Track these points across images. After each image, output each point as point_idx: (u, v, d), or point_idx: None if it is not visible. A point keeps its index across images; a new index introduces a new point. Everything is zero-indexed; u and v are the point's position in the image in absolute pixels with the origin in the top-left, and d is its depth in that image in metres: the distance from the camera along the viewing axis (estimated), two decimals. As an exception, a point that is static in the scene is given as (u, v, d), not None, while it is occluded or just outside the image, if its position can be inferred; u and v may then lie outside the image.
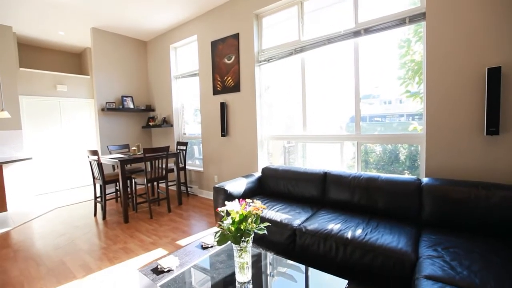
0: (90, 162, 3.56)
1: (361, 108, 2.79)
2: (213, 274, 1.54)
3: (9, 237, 3.04)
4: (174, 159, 3.98)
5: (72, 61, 5.97)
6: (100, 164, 3.38)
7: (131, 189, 3.91)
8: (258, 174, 3.19)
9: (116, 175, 3.68)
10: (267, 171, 3.09)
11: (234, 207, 1.34)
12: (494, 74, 1.90)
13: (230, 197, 2.62)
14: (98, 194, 3.73)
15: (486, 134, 1.97)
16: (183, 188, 4.58)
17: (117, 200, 4.29)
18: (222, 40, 3.89)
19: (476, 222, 1.82)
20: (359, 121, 2.79)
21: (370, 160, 3.01)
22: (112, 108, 4.67)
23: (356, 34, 2.68)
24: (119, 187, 3.80)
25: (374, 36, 2.62)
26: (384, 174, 2.37)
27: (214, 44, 4.01)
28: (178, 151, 4.39)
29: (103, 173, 3.45)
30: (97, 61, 4.65)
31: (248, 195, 2.88)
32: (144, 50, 5.38)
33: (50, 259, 2.47)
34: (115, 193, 4.20)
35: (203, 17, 4.16)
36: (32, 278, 2.16)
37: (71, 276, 2.18)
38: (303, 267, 1.60)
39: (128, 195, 3.53)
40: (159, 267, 1.60)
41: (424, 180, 2.14)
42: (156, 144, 5.46)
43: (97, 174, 3.50)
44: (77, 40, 5.16)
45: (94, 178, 3.61)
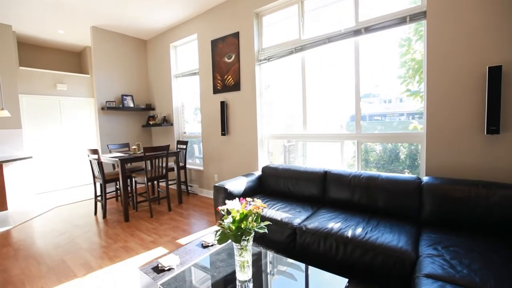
0: (90, 161, 3.56)
1: (361, 107, 2.79)
2: (213, 273, 1.54)
3: (9, 236, 3.04)
4: (174, 158, 3.98)
5: (72, 60, 5.96)
6: (100, 163, 3.39)
7: (131, 188, 3.91)
8: (258, 173, 3.20)
9: (116, 174, 3.68)
10: (267, 170, 3.09)
11: (234, 206, 1.34)
12: (495, 73, 1.90)
13: (230, 196, 2.63)
14: (99, 193, 3.73)
15: (487, 133, 1.97)
16: (183, 187, 4.59)
17: (117, 199, 4.29)
18: (222, 39, 3.88)
19: (476, 221, 1.82)
20: (360, 120, 2.79)
21: (370, 159, 3.01)
22: (112, 107, 4.67)
23: (357, 32, 2.67)
24: (120, 186, 3.80)
25: (375, 35, 2.61)
26: (384, 173, 2.37)
27: (214, 43, 4.00)
28: (178, 150, 4.39)
29: (104, 172, 3.45)
30: (97, 60, 4.64)
31: (248, 194, 2.88)
32: (144, 49, 5.38)
33: (50, 258, 2.47)
34: (115, 192, 4.20)
35: (203, 15, 4.16)
36: (33, 276, 2.17)
37: (72, 274, 2.18)
38: (303, 266, 1.60)
39: (128, 194, 3.53)
40: (159, 265, 1.61)
41: (424, 179, 2.14)
42: (156, 143, 5.46)
43: (97, 173, 3.50)
44: (77, 38, 5.15)
45: (94, 177, 3.61)
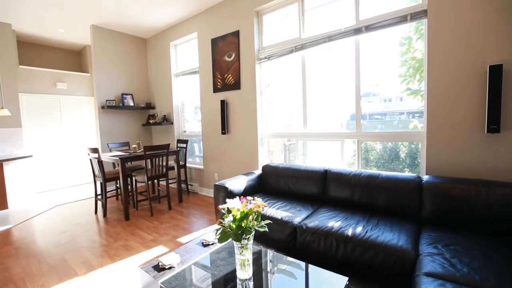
0: (90, 159, 3.56)
1: (361, 105, 2.78)
2: (214, 271, 1.55)
3: (10, 234, 3.05)
4: (175, 156, 3.99)
5: (72, 58, 5.95)
6: (101, 162, 3.39)
7: (131, 186, 3.92)
8: (258, 172, 3.20)
9: (117, 173, 3.68)
10: (267, 168, 3.09)
11: (235, 205, 1.34)
12: (496, 72, 1.90)
13: (230, 194, 2.63)
14: (99, 192, 3.74)
15: (487, 132, 1.97)
16: (184, 185, 4.59)
17: (117, 198, 4.29)
18: (222, 37, 3.88)
19: (476, 219, 1.82)
20: (360, 118, 2.79)
21: (371, 158, 3.01)
22: (112, 106, 4.67)
23: (357, 31, 2.67)
24: (120, 185, 3.81)
25: (375, 33, 2.61)
26: (385, 172, 2.37)
27: (215, 41, 3.99)
28: (179, 148, 4.39)
29: (104, 170, 3.45)
30: (97, 58, 4.63)
31: (248, 192, 2.88)
32: (144, 48, 5.37)
33: (51, 256, 2.48)
34: (115, 190, 4.21)
35: (204, 14, 4.15)
36: (34, 275, 2.17)
37: (73, 273, 2.19)
38: (303, 264, 1.60)
39: (128, 193, 3.53)
40: (160, 264, 1.61)
41: (425, 177, 2.14)
42: (156, 142, 5.46)
43: (97, 172, 3.51)
44: (76, 37, 5.14)
45: (94, 175, 3.61)
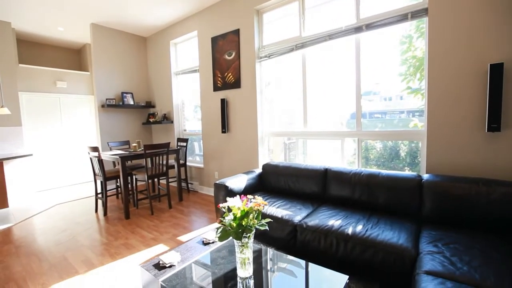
0: (90, 158, 3.56)
1: (362, 104, 2.78)
2: (214, 270, 1.55)
3: (10, 233, 3.05)
4: (175, 155, 3.99)
5: (72, 57, 5.94)
6: (101, 161, 3.39)
7: (131, 185, 3.92)
8: (258, 171, 3.20)
9: (117, 172, 3.68)
10: (267, 167, 3.09)
11: (235, 203, 1.34)
12: (497, 70, 1.89)
13: (230, 193, 2.63)
14: (99, 190, 3.74)
15: (488, 131, 1.97)
16: (184, 184, 4.60)
17: (117, 197, 4.30)
18: (223, 36, 3.87)
19: (477, 218, 1.82)
20: (360, 117, 2.79)
21: (371, 156, 3.01)
22: (112, 105, 4.66)
23: (358, 30, 2.66)
24: (120, 184, 3.81)
25: (376, 32, 2.60)
26: (385, 170, 2.37)
27: (215, 40, 3.99)
28: (179, 147, 4.39)
29: (104, 169, 3.45)
30: (96, 57, 4.63)
31: (248, 191, 2.88)
32: (144, 46, 5.36)
33: (52, 255, 2.48)
34: (115, 189, 4.21)
35: (204, 12, 4.13)
36: (35, 273, 2.18)
37: (73, 271, 2.19)
38: (303, 263, 1.61)
39: (129, 192, 3.54)
40: (161, 262, 1.62)
41: (425, 176, 2.14)
42: (157, 141, 5.46)
43: (97, 171, 3.51)
44: (76, 36, 5.13)
45: (95, 174, 3.61)
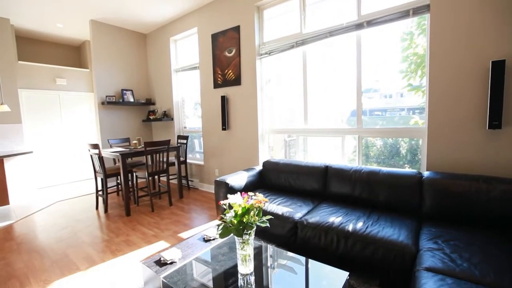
0: (91, 155, 3.56)
1: (362, 101, 2.78)
2: (215, 266, 1.56)
3: (12, 230, 3.07)
4: (175, 152, 3.99)
5: (71, 54, 5.91)
6: (101, 158, 3.39)
7: (132, 182, 3.93)
8: (259, 168, 3.20)
9: (117, 169, 3.69)
10: (268, 164, 3.09)
11: (236, 200, 1.34)
12: (498, 67, 1.89)
13: (231, 190, 2.64)
14: (100, 188, 3.74)
15: (489, 128, 1.96)
16: (184, 181, 4.60)
17: (118, 194, 4.30)
18: (223, 32, 3.85)
19: (477, 215, 1.83)
20: (361, 114, 2.78)
21: (371, 154, 3.01)
22: (112, 102, 4.65)
23: (359, 26, 2.64)
24: (121, 181, 3.81)
25: (377, 28, 2.59)
26: (385, 168, 2.37)
27: (215, 36, 3.97)
28: (179, 144, 4.39)
29: (104, 166, 3.45)
30: (96, 54, 4.61)
31: (249, 188, 2.89)
32: (143, 43, 5.33)
33: (53, 252, 2.49)
34: (116, 186, 4.21)
35: (204, 9, 4.11)
36: (36, 270, 2.19)
37: (75, 268, 2.21)
38: (303, 259, 1.61)
39: (129, 189, 3.54)
40: (162, 259, 1.62)
41: (425, 173, 2.14)
42: (157, 138, 5.45)
43: (98, 168, 3.51)
44: (75, 32, 5.10)
45: (95, 171, 3.61)
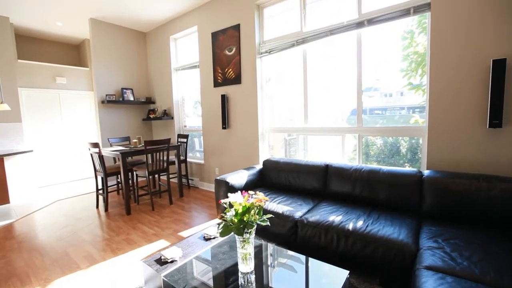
0: (91, 154, 3.56)
1: (362, 100, 2.77)
2: (216, 265, 1.56)
3: (12, 228, 3.07)
4: (175, 151, 3.99)
5: (71, 52, 5.90)
6: (101, 157, 3.39)
7: (132, 181, 3.93)
8: (259, 167, 3.20)
9: (118, 168, 3.69)
10: (268, 163, 3.09)
11: (237, 199, 1.34)
12: (499, 66, 1.88)
13: (231, 189, 2.64)
14: (100, 186, 3.74)
15: (489, 127, 1.96)
16: (184, 180, 4.60)
17: (118, 192, 4.31)
18: (223, 31, 3.84)
19: (477, 214, 1.83)
20: (361, 113, 2.78)
21: (371, 152, 3.01)
22: (112, 101, 4.65)
23: (359, 25, 2.64)
24: (121, 180, 3.81)
25: (378, 27, 2.58)
26: (386, 166, 2.37)
27: (215, 35, 3.96)
28: (179, 143, 4.38)
29: (105, 165, 3.45)
30: (96, 52, 4.60)
31: (249, 187, 2.89)
32: (143, 42, 5.32)
33: (54, 250, 2.50)
34: (116, 185, 4.22)
35: (204, 7, 4.10)
36: (37, 268, 2.19)
37: (75, 266, 2.21)
38: (303, 258, 1.62)
39: (129, 187, 3.54)
40: (162, 257, 1.63)
41: (425, 172, 2.14)
42: (157, 137, 5.45)
43: (98, 167, 3.51)
44: (75, 31, 5.09)
45: (95, 170, 3.61)
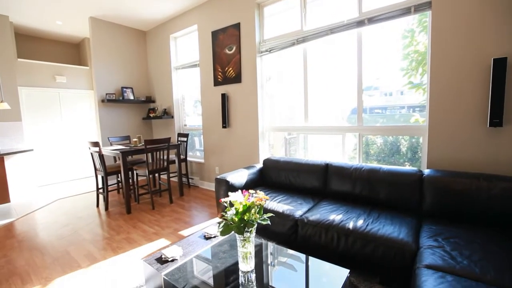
0: (91, 153, 3.56)
1: (363, 99, 2.77)
2: (216, 264, 1.56)
3: (13, 227, 3.07)
4: (175, 150, 3.99)
5: (71, 51, 5.89)
6: (102, 156, 3.39)
7: (132, 180, 3.93)
8: (259, 166, 3.20)
9: (118, 167, 3.69)
10: (268, 162, 3.09)
11: (237, 198, 1.35)
12: (500, 65, 1.88)
13: (232, 188, 2.64)
14: (100, 185, 3.75)
15: (490, 126, 1.96)
16: (184, 179, 4.60)
17: (119, 192, 4.31)
18: (223, 30, 3.83)
19: (477, 213, 1.83)
20: (361, 112, 2.78)
21: (371, 152, 3.01)
22: (112, 100, 4.64)
23: (360, 23, 2.63)
24: (121, 179, 3.82)
25: (378, 25, 2.57)
26: (386, 165, 2.37)
27: (215, 34, 3.95)
28: (179, 142, 4.38)
29: (105, 164, 3.45)
30: (96, 51, 4.59)
31: (249, 186, 2.89)
32: (143, 40, 5.31)
33: (54, 249, 2.50)
34: (116, 184, 4.22)
35: (204, 6, 4.09)
36: (38, 267, 2.20)
37: (76, 265, 2.21)
38: (304, 257, 1.62)
39: (130, 186, 3.54)
40: (163, 256, 1.63)
41: (426, 171, 2.14)
42: (157, 136, 5.45)
43: (98, 166, 3.51)
44: (75, 30, 5.08)
45: (96, 169, 3.61)
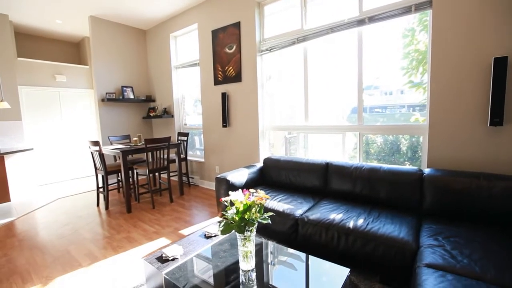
0: (91, 152, 3.56)
1: (363, 98, 2.77)
2: (217, 263, 1.57)
3: (13, 226, 3.08)
4: (176, 149, 3.98)
5: (71, 50, 5.88)
6: (102, 155, 3.39)
7: (133, 179, 3.93)
8: (259, 165, 3.20)
9: (118, 166, 3.69)
10: (269, 161, 3.09)
11: (238, 197, 1.35)
12: (500, 64, 1.88)
13: (232, 187, 2.64)
14: (100, 185, 3.75)
15: (490, 125, 1.96)
16: (185, 178, 4.61)
17: (119, 191, 4.32)
18: (223, 29, 3.82)
19: (477, 212, 1.83)
20: (362, 111, 2.77)
21: (371, 151, 3.01)
22: (112, 99, 4.64)
23: (360, 22, 2.63)
24: (121, 178, 3.82)
25: (379, 24, 2.57)
26: (386, 165, 2.37)
27: (215, 33, 3.94)
28: (179, 141, 4.38)
29: (105, 163, 3.46)
30: (95, 50, 4.58)
31: (250, 185, 2.89)
32: (143, 39, 5.30)
33: (55, 248, 2.51)
34: (117, 183, 4.22)
35: (204, 5, 4.08)
36: (38, 266, 2.20)
37: (77, 264, 2.22)
38: (304, 256, 1.62)
39: (130, 186, 3.54)
40: (163, 255, 1.63)
41: (426, 170, 2.14)
42: (157, 135, 5.45)
43: (99, 165, 3.51)
44: (75, 29, 5.07)
45: (96, 168, 3.62)
